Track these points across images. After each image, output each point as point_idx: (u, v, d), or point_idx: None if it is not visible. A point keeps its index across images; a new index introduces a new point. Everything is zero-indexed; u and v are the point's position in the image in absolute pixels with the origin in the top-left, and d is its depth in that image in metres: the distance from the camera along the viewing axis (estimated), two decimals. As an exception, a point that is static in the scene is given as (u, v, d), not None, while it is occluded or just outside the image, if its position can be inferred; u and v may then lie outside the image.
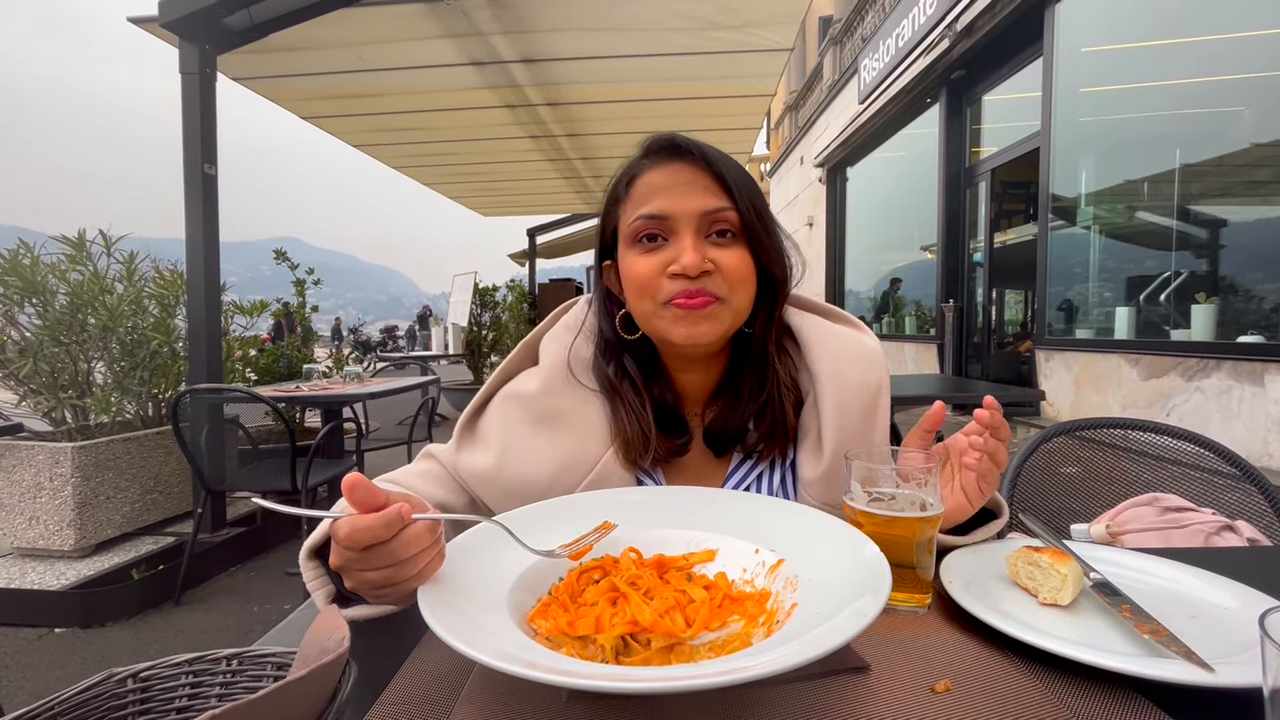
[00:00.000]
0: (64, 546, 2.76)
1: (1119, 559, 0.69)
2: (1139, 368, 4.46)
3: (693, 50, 3.97)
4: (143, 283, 3.34)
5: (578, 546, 0.59)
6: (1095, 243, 5.31)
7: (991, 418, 0.67)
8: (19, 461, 2.75)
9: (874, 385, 0.79)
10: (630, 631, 0.50)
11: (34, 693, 2.06)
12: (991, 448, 0.67)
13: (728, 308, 0.74)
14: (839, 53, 11.39)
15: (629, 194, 0.78)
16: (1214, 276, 4.24)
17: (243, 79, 4.10)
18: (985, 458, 0.67)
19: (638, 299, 0.76)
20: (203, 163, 3.01)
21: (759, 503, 0.70)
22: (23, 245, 2.98)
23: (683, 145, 0.76)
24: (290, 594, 2.82)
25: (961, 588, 0.60)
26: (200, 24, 2.99)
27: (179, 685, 0.42)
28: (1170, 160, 4.53)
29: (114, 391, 3.16)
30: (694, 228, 0.74)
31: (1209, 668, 0.45)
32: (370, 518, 0.48)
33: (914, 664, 0.50)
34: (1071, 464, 1.29)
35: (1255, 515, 1.09)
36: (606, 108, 5.00)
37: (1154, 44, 4.81)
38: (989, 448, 0.67)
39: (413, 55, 3.95)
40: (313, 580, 0.58)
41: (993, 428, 0.67)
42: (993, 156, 6.77)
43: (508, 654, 0.41)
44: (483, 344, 7.86)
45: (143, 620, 2.58)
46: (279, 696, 0.31)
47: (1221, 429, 3.77)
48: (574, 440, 0.79)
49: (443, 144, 5.67)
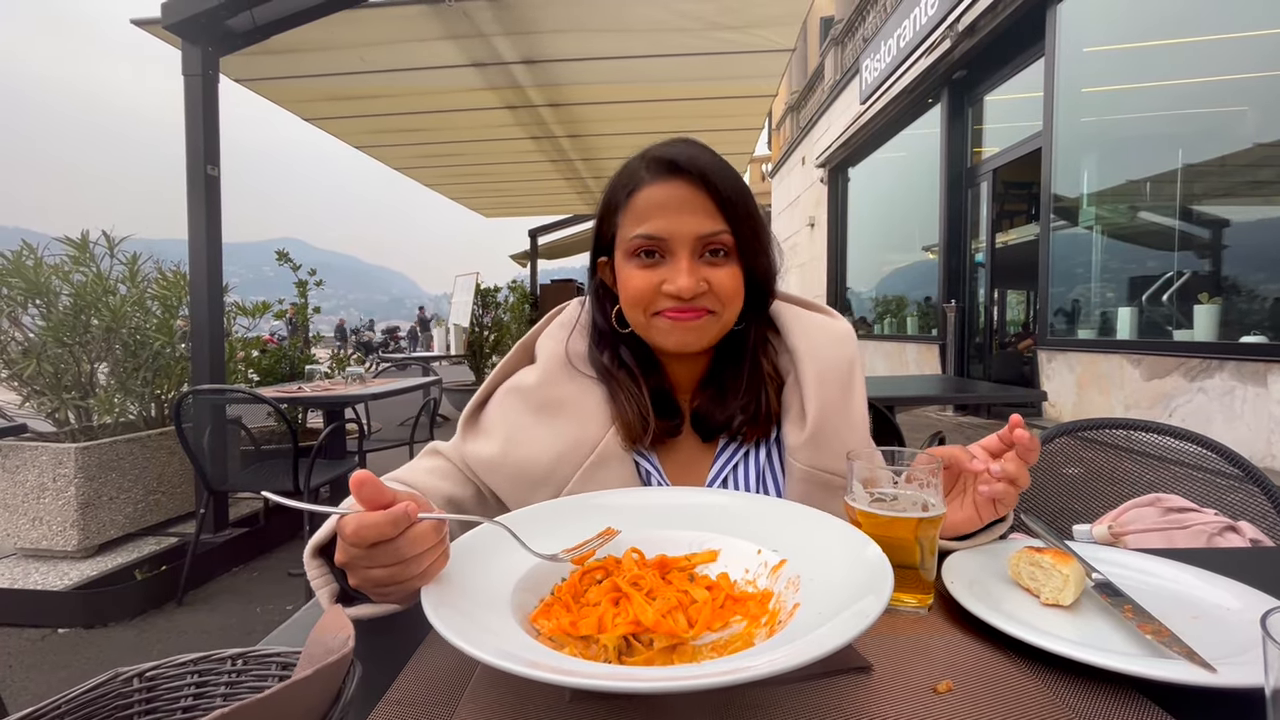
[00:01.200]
0: (67, 547, 2.77)
1: (1121, 559, 0.69)
2: (1141, 368, 4.45)
3: (694, 51, 3.98)
4: (145, 284, 3.35)
5: (580, 551, 0.59)
6: (1097, 243, 5.31)
7: (1031, 440, 0.66)
8: (22, 462, 2.76)
9: (847, 359, 0.85)
10: (633, 632, 0.50)
11: (37, 693, 2.07)
12: (1014, 474, 0.66)
13: (718, 320, 0.80)
14: (840, 53, 11.39)
15: (628, 205, 0.80)
16: (1217, 277, 4.24)
17: (245, 80, 4.11)
18: (1007, 485, 0.66)
19: (632, 309, 0.80)
20: (205, 164, 3.01)
21: (761, 503, 0.71)
22: (26, 246, 2.99)
23: (682, 165, 0.77)
24: (293, 594, 2.82)
25: (963, 588, 0.60)
26: (203, 26, 3.00)
27: (184, 685, 0.42)
28: (1173, 160, 4.53)
29: (117, 392, 3.16)
30: (689, 250, 0.77)
31: (1211, 668, 0.45)
32: (377, 515, 0.49)
33: (916, 664, 0.50)
34: (1074, 464, 1.29)
35: (1258, 516, 1.09)
36: (608, 109, 5.00)
37: (1156, 44, 4.81)
38: (1011, 474, 0.66)
39: (415, 56, 3.95)
40: (317, 579, 0.59)
41: (1030, 450, 0.66)
42: (994, 156, 6.77)
43: (511, 653, 0.41)
44: (484, 345, 7.87)
45: (146, 620, 2.58)
46: (284, 696, 0.31)
47: (1224, 429, 3.76)
48: (574, 424, 0.82)
49: (444, 145, 5.68)
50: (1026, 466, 0.67)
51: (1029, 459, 0.67)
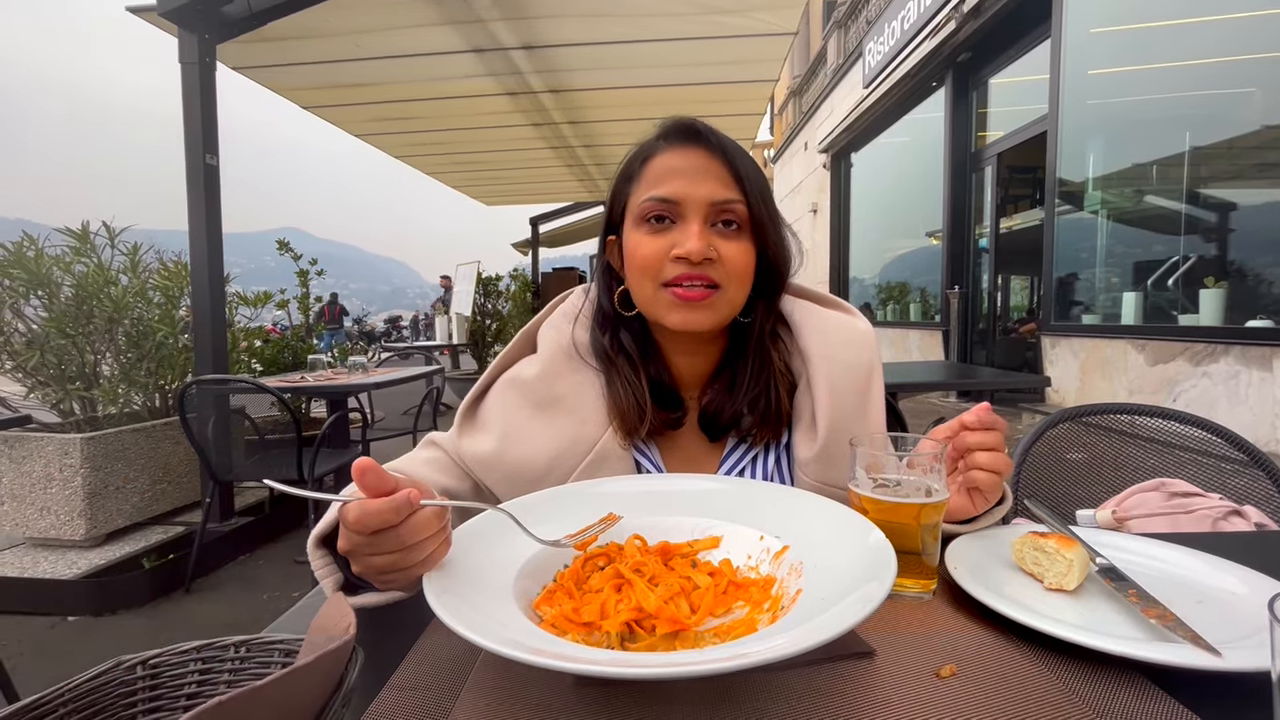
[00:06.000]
0: (75, 536, 2.79)
1: (1125, 544, 0.69)
2: (1146, 353, 4.43)
3: (695, 35, 3.92)
4: (147, 274, 3.35)
5: (583, 537, 0.59)
6: (1102, 227, 5.26)
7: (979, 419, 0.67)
8: (29, 453, 2.77)
9: (866, 366, 0.80)
10: (635, 618, 0.50)
11: (48, 679, 2.07)
12: (987, 463, 0.66)
13: (724, 297, 0.76)
14: (843, 36, 11.25)
15: (642, 173, 0.78)
16: (1223, 260, 4.20)
17: (243, 68, 4.07)
18: (982, 473, 0.67)
19: (639, 278, 0.77)
20: (204, 153, 3.00)
21: (764, 489, 0.71)
22: (27, 238, 2.99)
23: (701, 131, 0.76)
24: (299, 582, 2.85)
25: (967, 573, 0.60)
26: (199, 13, 2.97)
27: (188, 672, 0.42)
28: (1179, 143, 4.47)
29: (121, 383, 3.17)
30: (702, 215, 0.75)
31: (1216, 652, 0.45)
32: (379, 502, 0.49)
33: (919, 649, 0.50)
34: (1077, 450, 1.29)
35: (1262, 500, 1.09)
36: (608, 94, 4.95)
37: (1163, 25, 4.74)
38: (982, 464, 0.67)
39: (412, 43, 3.91)
40: (321, 568, 0.59)
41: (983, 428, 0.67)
42: (999, 141, 6.70)
43: (513, 640, 0.41)
44: (486, 333, 7.87)
45: (154, 608, 2.61)
46: (286, 682, 0.31)
47: (1229, 414, 3.75)
48: (573, 423, 0.80)
49: (444, 132, 5.64)
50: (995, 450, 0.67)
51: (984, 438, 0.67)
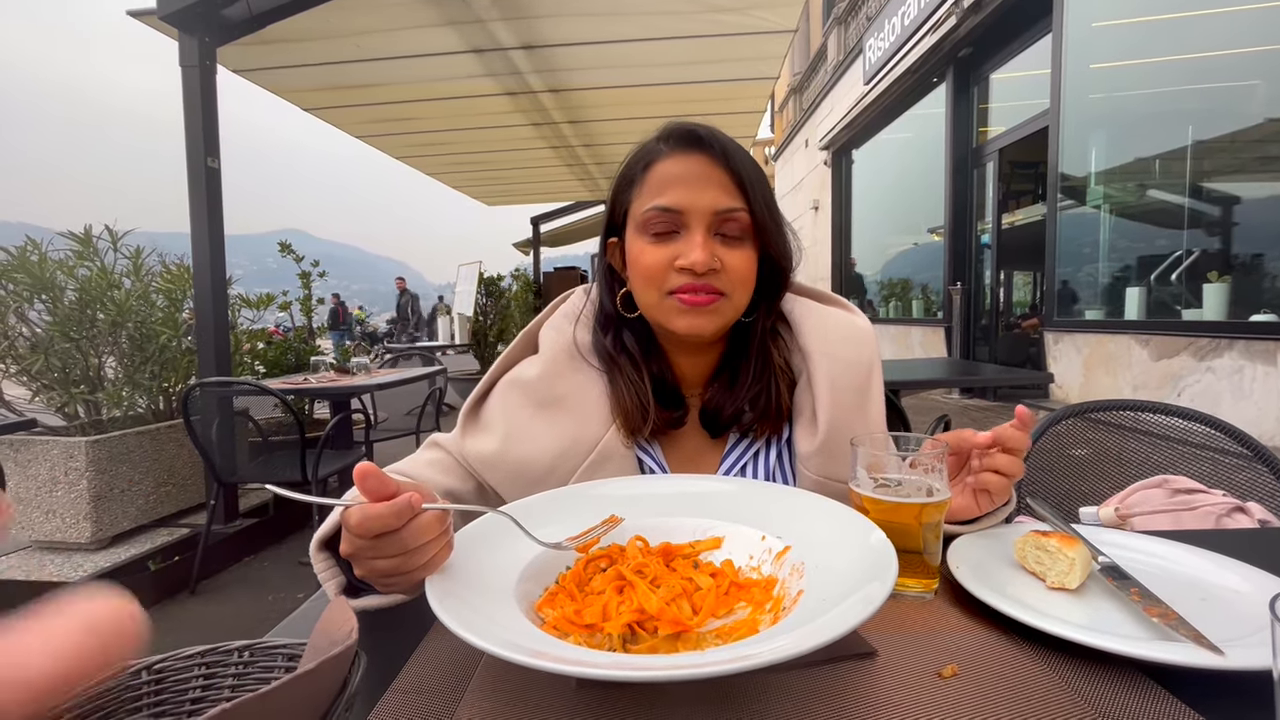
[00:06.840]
0: (81, 539, 2.80)
1: (1128, 542, 0.69)
2: (1149, 348, 4.42)
3: (695, 34, 3.92)
4: (150, 277, 3.36)
5: (584, 540, 0.59)
6: (1105, 222, 5.24)
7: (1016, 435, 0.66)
8: (34, 456, 2.78)
9: (865, 363, 0.81)
10: (637, 620, 0.50)
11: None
12: (1002, 465, 0.66)
13: (729, 303, 0.76)
14: (844, 32, 11.21)
15: (644, 179, 0.78)
16: (1226, 255, 4.18)
17: (243, 71, 4.08)
18: (994, 475, 0.66)
19: (643, 287, 0.77)
20: (205, 156, 3.00)
21: (765, 489, 0.71)
22: (30, 242, 3.00)
23: (703, 137, 0.75)
24: (304, 583, 2.85)
25: (969, 572, 0.60)
26: (199, 16, 2.98)
27: (193, 677, 0.42)
28: (1182, 137, 4.45)
29: (125, 386, 3.18)
30: (705, 225, 0.74)
31: (1219, 651, 0.45)
32: (381, 506, 0.49)
33: (921, 649, 0.50)
34: (1081, 446, 1.29)
35: (1266, 496, 1.08)
36: (608, 93, 4.95)
37: (1166, 18, 4.71)
38: (1000, 466, 0.66)
39: (412, 44, 3.91)
40: (323, 571, 0.59)
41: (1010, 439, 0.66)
42: (1001, 136, 6.67)
43: (515, 643, 0.41)
44: (488, 333, 7.87)
45: (160, 610, 2.62)
46: (289, 689, 0.31)
47: (1233, 409, 3.74)
48: (575, 422, 0.80)
49: (444, 133, 5.64)
50: (1018, 457, 0.67)
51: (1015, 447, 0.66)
